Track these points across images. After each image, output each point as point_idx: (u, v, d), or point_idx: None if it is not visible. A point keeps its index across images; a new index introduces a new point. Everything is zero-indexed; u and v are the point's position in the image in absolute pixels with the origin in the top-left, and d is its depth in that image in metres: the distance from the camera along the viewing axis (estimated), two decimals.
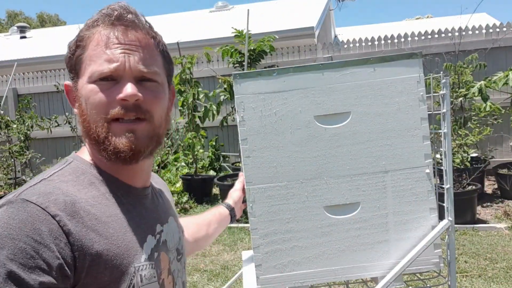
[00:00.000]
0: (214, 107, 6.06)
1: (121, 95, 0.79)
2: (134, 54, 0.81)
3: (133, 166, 0.85)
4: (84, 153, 0.88)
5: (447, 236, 1.22)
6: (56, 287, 0.68)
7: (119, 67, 0.80)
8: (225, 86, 6.21)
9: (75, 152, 0.90)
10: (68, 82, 0.88)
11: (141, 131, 0.82)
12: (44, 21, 31.77)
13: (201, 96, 6.04)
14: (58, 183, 0.77)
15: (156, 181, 1.08)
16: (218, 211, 1.33)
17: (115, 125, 0.81)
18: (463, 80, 5.20)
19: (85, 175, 0.82)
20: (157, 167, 6.11)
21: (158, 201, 0.99)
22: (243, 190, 1.37)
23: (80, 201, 0.76)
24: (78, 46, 0.84)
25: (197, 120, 6.20)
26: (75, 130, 6.22)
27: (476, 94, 4.65)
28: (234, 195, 1.38)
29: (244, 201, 1.40)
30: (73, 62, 0.84)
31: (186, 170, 6.64)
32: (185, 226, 1.18)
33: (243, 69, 6.48)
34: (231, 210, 1.36)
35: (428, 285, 1.43)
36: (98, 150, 0.82)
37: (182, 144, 6.30)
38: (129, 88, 0.79)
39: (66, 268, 0.70)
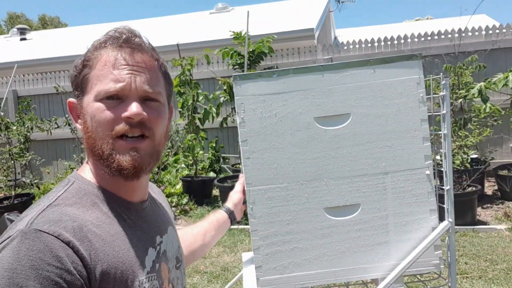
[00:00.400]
0: (214, 109, 6.06)
1: (126, 113, 0.82)
2: (140, 75, 0.85)
3: (133, 182, 0.88)
4: (85, 171, 0.91)
5: (447, 238, 1.22)
6: None
7: (125, 87, 0.83)
8: (225, 87, 6.21)
9: (77, 170, 0.93)
10: (72, 100, 0.90)
11: (144, 149, 0.85)
12: (46, 23, 31.75)
13: (200, 98, 6.04)
14: (64, 207, 0.80)
15: (154, 191, 1.10)
16: (216, 217, 1.33)
17: (119, 142, 0.83)
18: (463, 82, 5.20)
19: (88, 196, 0.85)
20: (157, 169, 6.11)
21: (157, 212, 1.02)
22: (244, 192, 1.37)
23: (86, 224, 0.80)
24: (85, 65, 0.86)
25: (197, 121, 6.20)
26: (75, 132, 6.22)
27: (476, 96, 4.65)
28: (234, 197, 1.38)
29: (244, 203, 1.40)
30: (79, 81, 0.87)
31: (186, 172, 6.63)
32: (181, 238, 1.19)
33: (243, 71, 6.48)
34: (230, 213, 1.35)
35: (428, 287, 1.43)
36: (102, 166, 0.85)
37: (182, 146, 6.30)
38: (134, 107, 0.83)
39: None
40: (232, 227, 4.85)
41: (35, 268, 0.70)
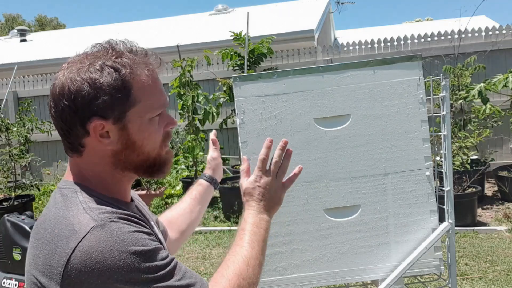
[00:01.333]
0: (214, 109, 6.06)
1: (175, 124, 0.93)
2: None
3: (130, 183, 0.95)
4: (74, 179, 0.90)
5: (447, 239, 1.22)
6: None
7: (168, 101, 0.92)
8: (225, 88, 6.22)
9: (64, 178, 0.92)
10: (102, 121, 0.84)
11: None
12: (44, 25, 31.59)
13: (200, 98, 6.04)
14: (100, 206, 0.83)
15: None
16: (197, 191, 1.32)
17: (165, 150, 0.93)
18: (463, 83, 5.21)
19: (98, 200, 0.86)
20: None
21: (142, 208, 1.05)
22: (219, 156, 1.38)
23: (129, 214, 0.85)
24: (127, 87, 0.84)
25: (197, 122, 6.20)
26: None
27: (476, 97, 4.65)
28: (212, 163, 1.35)
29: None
30: (124, 102, 0.84)
31: (186, 173, 6.63)
32: (168, 223, 1.21)
33: (242, 72, 6.48)
34: (212, 180, 1.34)
35: None
36: (151, 172, 0.92)
37: (182, 147, 6.30)
38: (174, 118, 0.93)
39: None
40: (232, 228, 4.84)
41: (136, 238, 0.78)
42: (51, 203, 0.87)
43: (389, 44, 6.86)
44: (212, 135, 1.33)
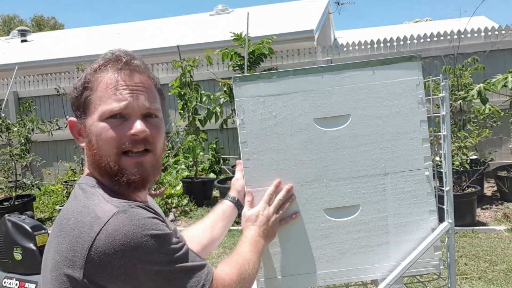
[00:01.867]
0: (218, 108, 6.06)
1: (132, 131, 0.90)
2: (140, 94, 0.93)
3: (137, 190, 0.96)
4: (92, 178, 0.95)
5: (447, 239, 1.22)
6: None
7: (128, 105, 0.90)
8: (225, 89, 6.22)
9: (85, 175, 0.97)
10: (73, 118, 0.97)
11: (147, 162, 0.94)
12: (41, 25, 31.36)
13: (204, 98, 6.05)
14: (116, 199, 0.89)
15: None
16: (221, 209, 1.33)
17: (125, 159, 0.91)
18: (462, 83, 5.21)
19: (114, 194, 0.91)
20: None
21: (157, 210, 1.09)
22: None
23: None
24: (85, 88, 0.93)
25: (197, 123, 6.21)
26: None
27: (475, 97, 4.65)
28: (237, 184, 1.36)
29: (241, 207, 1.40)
30: (81, 102, 0.93)
31: (186, 173, 6.63)
32: (190, 236, 1.24)
33: (242, 72, 6.48)
34: (236, 201, 1.35)
35: (428, 287, 1.43)
36: (110, 180, 0.92)
37: (182, 147, 6.30)
38: (139, 125, 0.91)
39: None
40: (232, 228, 4.83)
41: (154, 223, 0.84)
42: (72, 197, 0.92)
43: (388, 44, 6.86)
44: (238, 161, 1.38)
